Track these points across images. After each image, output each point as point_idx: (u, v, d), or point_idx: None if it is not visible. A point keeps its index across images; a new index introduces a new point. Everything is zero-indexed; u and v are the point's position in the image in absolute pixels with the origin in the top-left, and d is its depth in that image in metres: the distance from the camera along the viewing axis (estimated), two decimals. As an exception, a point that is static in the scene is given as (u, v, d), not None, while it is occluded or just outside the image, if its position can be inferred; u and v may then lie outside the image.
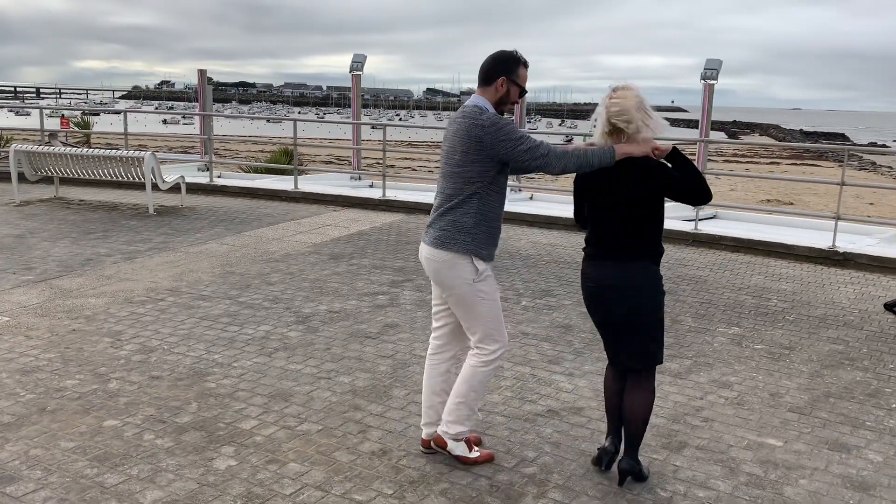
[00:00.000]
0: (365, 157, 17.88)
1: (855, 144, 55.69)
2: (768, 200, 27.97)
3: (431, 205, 3.48)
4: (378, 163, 31.94)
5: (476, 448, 3.58)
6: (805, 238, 8.57)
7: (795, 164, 48.27)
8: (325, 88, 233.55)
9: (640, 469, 3.40)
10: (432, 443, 3.57)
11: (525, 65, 3.36)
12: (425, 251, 3.40)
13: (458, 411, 3.46)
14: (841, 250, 7.92)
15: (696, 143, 11.30)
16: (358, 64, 13.40)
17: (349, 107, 14.29)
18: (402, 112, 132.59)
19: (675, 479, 3.45)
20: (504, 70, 3.30)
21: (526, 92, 3.40)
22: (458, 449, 3.51)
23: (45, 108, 15.15)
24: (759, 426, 4.04)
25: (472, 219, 3.29)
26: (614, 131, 3.25)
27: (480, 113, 3.24)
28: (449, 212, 3.31)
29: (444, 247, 3.30)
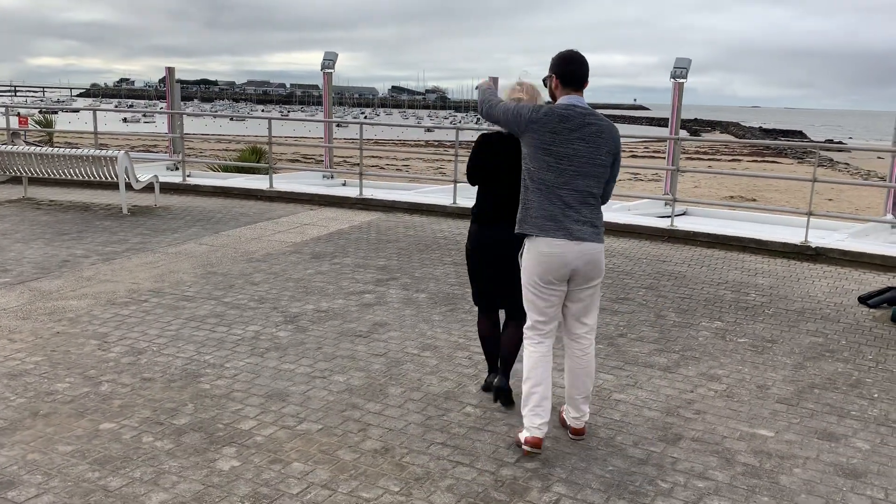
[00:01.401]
0: (333, 156, 17.63)
1: (814, 141, 56.91)
2: (732, 197, 28.48)
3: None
4: (346, 161, 31.77)
5: None
6: (777, 234, 8.77)
7: (756, 160, 49.17)
8: (288, 86, 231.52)
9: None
10: (571, 433, 3.81)
11: None
12: (588, 247, 3.49)
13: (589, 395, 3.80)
14: (813, 245, 8.13)
15: (666, 141, 11.45)
16: (329, 62, 13.34)
17: (313, 104, 14.25)
18: (368, 110, 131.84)
19: (675, 471, 3.53)
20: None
21: None
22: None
23: (9, 106, 14.78)
24: (749, 417, 4.14)
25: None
26: None
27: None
28: (598, 209, 3.58)
29: (602, 240, 3.60)
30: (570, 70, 3.52)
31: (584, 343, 3.70)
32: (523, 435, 3.62)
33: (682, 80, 10.85)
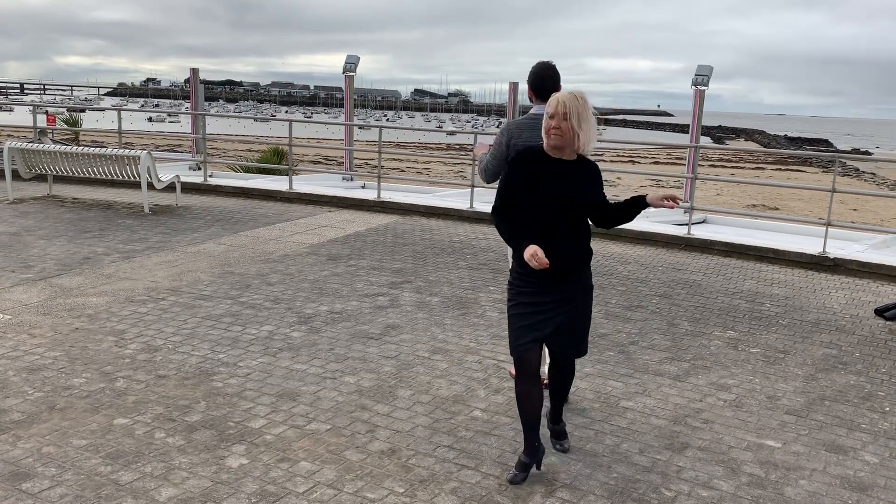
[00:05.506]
0: (354, 158, 17.66)
1: (840, 151, 56.38)
2: (754, 205, 28.26)
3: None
4: (367, 163, 31.95)
5: None
6: (795, 243, 8.71)
7: (780, 169, 48.71)
8: (312, 88, 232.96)
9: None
10: None
11: None
12: None
13: None
14: (831, 256, 8.06)
15: (686, 149, 11.40)
16: (351, 65, 13.42)
17: (336, 106, 14.36)
18: (390, 113, 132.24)
19: (679, 480, 3.54)
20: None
21: None
22: None
23: (38, 104, 15.05)
24: (757, 428, 4.13)
25: None
26: None
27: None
28: None
29: None
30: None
31: None
32: None
33: (703, 88, 10.79)
